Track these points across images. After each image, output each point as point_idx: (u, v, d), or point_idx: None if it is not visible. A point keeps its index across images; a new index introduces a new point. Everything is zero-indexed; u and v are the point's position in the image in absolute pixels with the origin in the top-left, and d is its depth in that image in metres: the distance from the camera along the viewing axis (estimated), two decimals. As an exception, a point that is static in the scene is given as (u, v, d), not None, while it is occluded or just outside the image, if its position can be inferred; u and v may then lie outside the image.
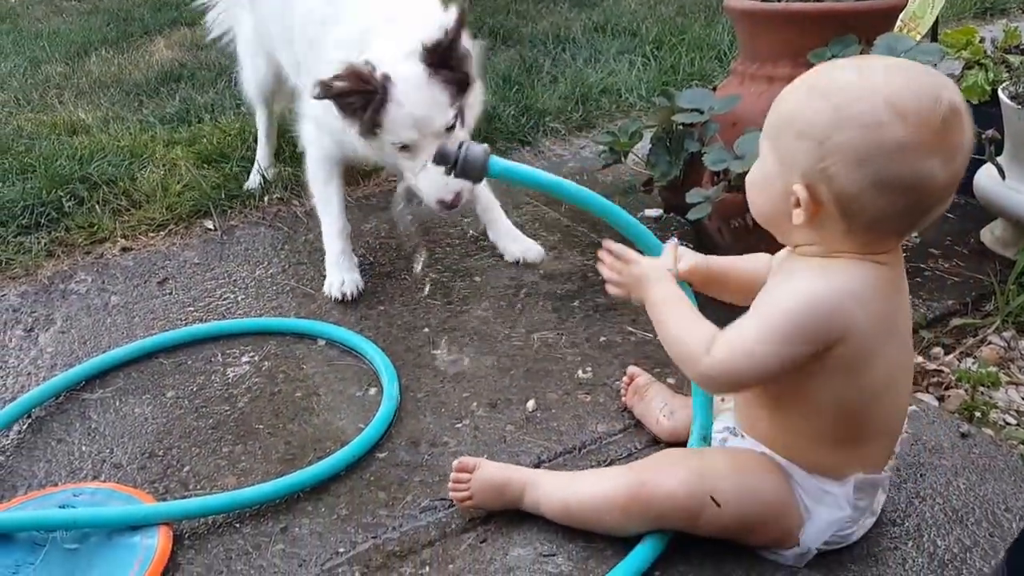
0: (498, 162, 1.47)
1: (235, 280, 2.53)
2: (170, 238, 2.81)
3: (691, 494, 1.42)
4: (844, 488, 1.41)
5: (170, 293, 2.47)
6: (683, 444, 1.67)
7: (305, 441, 1.85)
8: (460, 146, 1.44)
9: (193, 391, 2.04)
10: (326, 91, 2.07)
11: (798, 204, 1.27)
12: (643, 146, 2.48)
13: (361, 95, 2.08)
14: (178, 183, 3.04)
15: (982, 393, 1.99)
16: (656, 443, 1.80)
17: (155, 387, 2.05)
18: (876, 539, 1.52)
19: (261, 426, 1.90)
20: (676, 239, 1.57)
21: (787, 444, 1.43)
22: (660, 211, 2.79)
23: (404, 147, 2.14)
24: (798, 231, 1.32)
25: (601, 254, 1.55)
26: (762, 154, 1.36)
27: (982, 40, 2.76)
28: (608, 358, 2.12)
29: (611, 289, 1.55)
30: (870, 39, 2.03)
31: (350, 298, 2.37)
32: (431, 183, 2.14)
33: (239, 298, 2.44)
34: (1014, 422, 1.90)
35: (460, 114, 2.17)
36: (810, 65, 2.00)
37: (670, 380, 1.98)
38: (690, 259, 1.55)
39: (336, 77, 2.06)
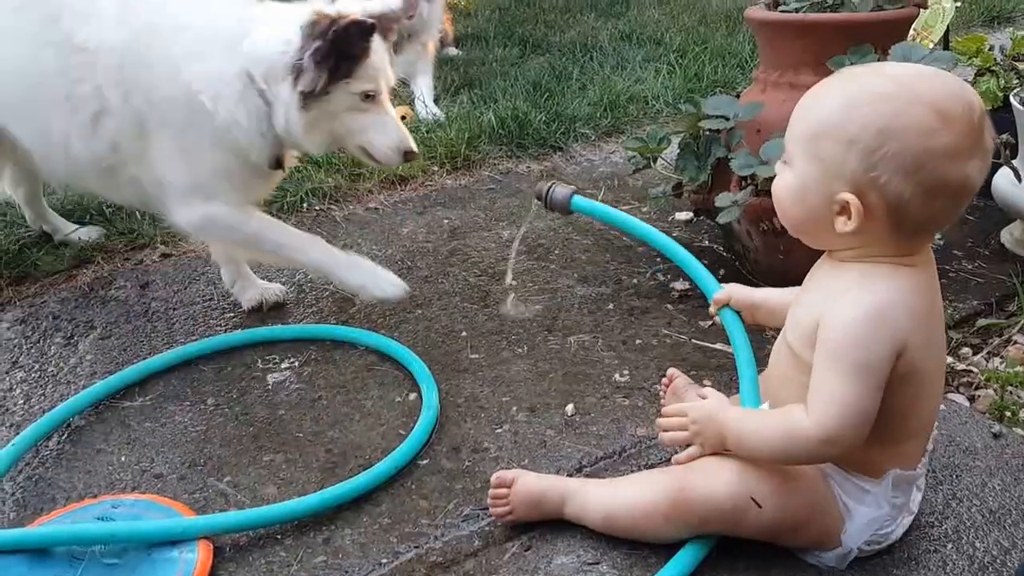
0: (581, 200, 1.83)
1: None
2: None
3: (732, 495, 1.40)
4: (881, 486, 1.41)
5: (211, 299, 2.49)
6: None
7: (346, 448, 1.84)
8: (550, 187, 1.80)
9: (233, 398, 2.04)
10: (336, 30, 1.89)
11: (842, 212, 1.29)
12: (671, 151, 2.48)
13: (360, 40, 1.94)
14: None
15: (1010, 392, 1.98)
16: (697, 447, 1.80)
17: (195, 394, 2.05)
18: (916, 542, 1.50)
19: (301, 434, 1.90)
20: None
21: None
22: (690, 214, 2.78)
23: (367, 97, 2.02)
24: (837, 238, 1.33)
25: (659, 421, 1.53)
26: (793, 162, 1.36)
27: (991, 48, 2.77)
28: (645, 361, 2.10)
29: (671, 438, 1.51)
30: (885, 48, 2.07)
31: (403, 294, 2.14)
32: (391, 132, 2.07)
33: (277, 303, 2.44)
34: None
35: None
36: (830, 73, 2.04)
37: (706, 382, 1.95)
38: (739, 293, 1.69)
39: (354, 20, 1.91)
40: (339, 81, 1.94)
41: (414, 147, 2.08)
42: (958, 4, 2.31)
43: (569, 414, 1.92)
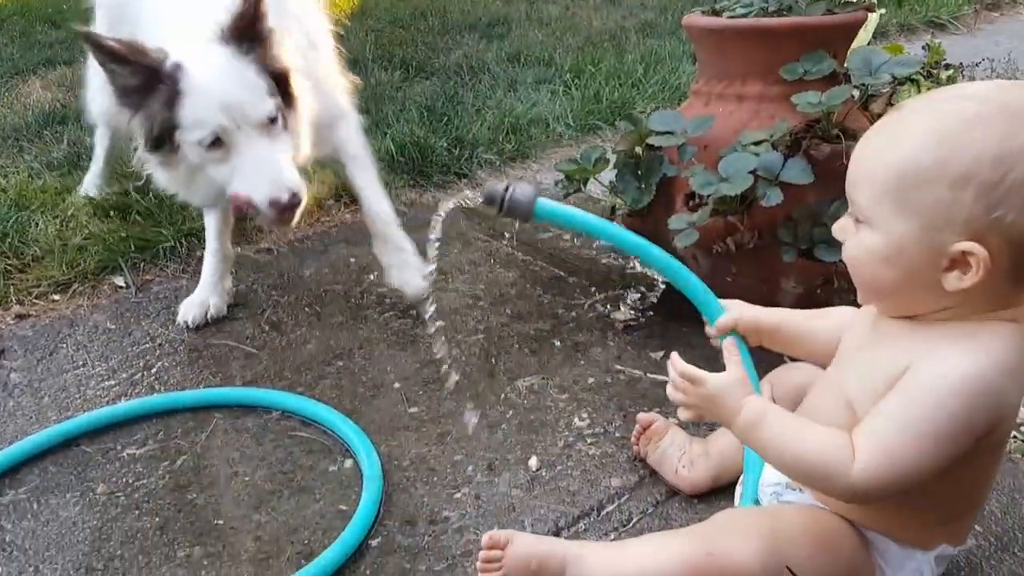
0: (546, 204, 1.35)
1: (160, 344, 2.18)
2: (75, 299, 2.42)
3: (765, 565, 1.22)
4: (928, 555, 1.27)
5: (84, 364, 2.11)
6: (705, 494, 1.60)
7: (278, 534, 1.54)
8: (507, 187, 1.35)
9: (130, 483, 1.69)
10: (96, 47, 1.75)
11: (951, 266, 1.08)
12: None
13: (140, 72, 1.77)
14: (78, 236, 2.65)
15: None
16: (676, 495, 1.62)
17: (81, 482, 1.69)
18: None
19: (221, 520, 1.58)
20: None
21: (874, 518, 1.27)
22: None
23: (215, 143, 1.81)
24: (939, 297, 1.12)
25: (670, 373, 1.31)
26: (875, 222, 1.14)
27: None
28: (602, 401, 1.91)
29: (682, 414, 1.32)
30: (836, 53, 1.96)
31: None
32: (261, 181, 1.84)
33: (167, 365, 2.09)
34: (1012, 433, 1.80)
35: (282, 113, 1.89)
36: (782, 81, 1.93)
37: (672, 419, 1.76)
38: (747, 315, 1.39)
39: (116, 42, 1.77)
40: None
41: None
42: (882, 12, 2.23)
43: (534, 469, 1.70)
